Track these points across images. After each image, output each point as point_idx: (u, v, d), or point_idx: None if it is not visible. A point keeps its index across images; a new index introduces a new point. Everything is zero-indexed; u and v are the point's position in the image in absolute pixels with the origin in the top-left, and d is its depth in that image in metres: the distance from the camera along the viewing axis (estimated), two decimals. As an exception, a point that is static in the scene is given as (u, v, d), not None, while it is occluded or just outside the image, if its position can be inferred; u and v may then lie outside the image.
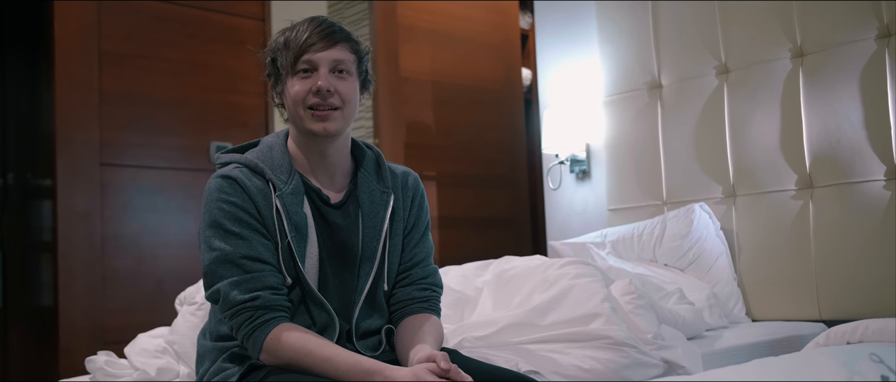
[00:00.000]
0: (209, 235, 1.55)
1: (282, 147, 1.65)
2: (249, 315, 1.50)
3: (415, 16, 4.21)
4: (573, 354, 1.77)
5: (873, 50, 2.52)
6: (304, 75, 1.59)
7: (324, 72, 1.58)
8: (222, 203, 1.55)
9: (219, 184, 1.57)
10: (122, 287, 3.25)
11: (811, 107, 2.66)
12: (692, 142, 2.97)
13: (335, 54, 1.59)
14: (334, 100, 1.58)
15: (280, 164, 1.61)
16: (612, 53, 3.26)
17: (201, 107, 3.52)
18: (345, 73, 1.60)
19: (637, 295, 2.02)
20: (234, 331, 1.53)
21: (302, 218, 1.58)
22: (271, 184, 1.58)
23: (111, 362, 2.09)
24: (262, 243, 1.54)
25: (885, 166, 2.49)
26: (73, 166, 3.18)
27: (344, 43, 1.60)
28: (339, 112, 1.59)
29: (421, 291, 1.70)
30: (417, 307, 1.68)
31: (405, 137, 4.07)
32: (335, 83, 1.59)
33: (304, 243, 1.58)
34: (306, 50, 1.58)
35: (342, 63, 1.60)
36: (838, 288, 2.58)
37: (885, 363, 1.44)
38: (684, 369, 1.86)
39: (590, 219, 3.46)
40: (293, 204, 1.58)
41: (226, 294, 1.51)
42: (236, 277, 1.51)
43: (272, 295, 1.52)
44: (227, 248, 1.52)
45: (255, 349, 1.51)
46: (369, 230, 1.65)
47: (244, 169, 1.60)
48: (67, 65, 3.20)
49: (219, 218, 1.54)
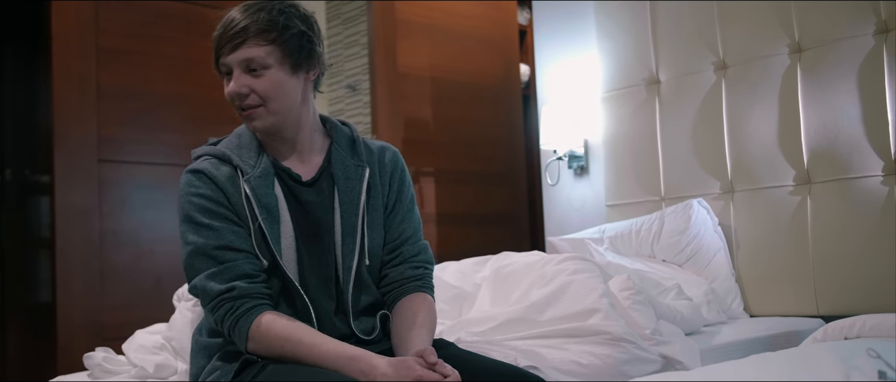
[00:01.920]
0: (184, 230, 1.57)
1: (250, 133, 1.65)
2: (230, 305, 1.51)
3: (413, 12, 4.21)
4: (571, 349, 1.77)
5: (871, 45, 2.52)
6: (228, 77, 1.59)
7: (236, 73, 1.56)
8: (191, 196, 1.57)
9: (187, 179, 1.59)
10: (120, 283, 3.25)
11: (809, 102, 2.66)
12: (690, 137, 2.97)
13: (243, 54, 1.54)
14: (251, 99, 1.56)
15: (248, 149, 1.62)
16: (610, 49, 3.26)
17: (199, 103, 3.51)
18: (260, 70, 1.55)
19: (635, 291, 2.03)
20: (219, 325, 1.53)
21: (272, 199, 1.58)
22: (239, 169, 1.58)
23: (109, 358, 2.09)
24: (233, 231, 1.54)
25: (882, 161, 2.49)
26: (71, 162, 3.18)
27: (253, 39, 1.54)
28: (262, 109, 1.57)
29: (414, 269, 1.69)
30: (412, 286, 1.67)
31: (403, 133, 4.07)
32: (249, 82, 1.56)
33: (276, 224, 1.57)
34: (219, 54, 1.57)
35: (253, 61, 1.54)
36: (836, 284, 2.58)
37: (882, 358, 1.44)
38: (682, 364, 1.86)
39: (588, 215, 3.46)
40: (262, 186, 1.57)
41: (203, 287, 1.52)
42: (212, 269, 1.52)
43: (248, 283, 1.52)
44: (200, 241, 1.54)
45: (241, 339, 1.51)
46: (346, 205, 1.64)
47: (212, 159, 1.61)
48: (65, 60, 3.19)
49: (190, 212, 1.56)
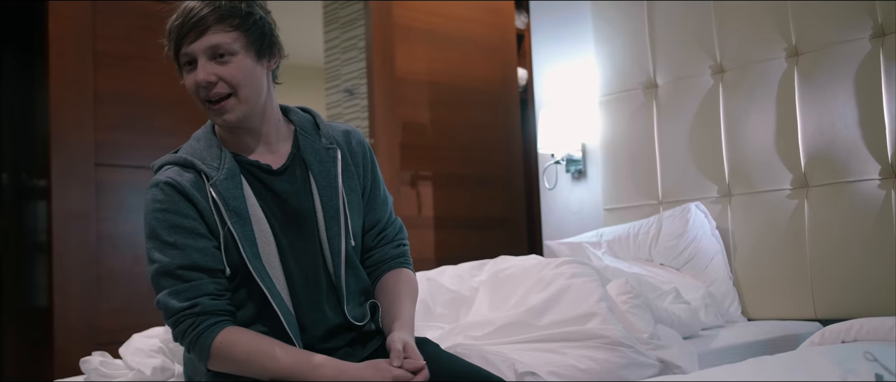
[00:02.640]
0: (149, 247, 1.52)
1: (209, 134, 1.61)
2: (191, 321, 1.47)
3: (411, 16, 4.21)
4: (569, 354, 1.77)
5: (868, 49, 2.53)
6: (189, 69, 1.54)
7: (202, 62, 1.51)
8: (156, 213, 1.51)
9: (151, 194, 1.53)
10: (116, 287, 3.24)
11: (806, 106, 2.66)
12: (688, 141, 2.98)
13: (209, 41, 1.50)
14: (220, 88, 1.52)
15: (209, 152, 1.57)
16: (608, 53, 3.26)
17: (196, 107, 3.48)
18: (227, 56, 1.51)
19: (633, 295, 2.03)
20: (179, 340, 1.50)
21: (241, 202, 1.53)
22: (203, 174, 1.53)
23: (106, 362, 2.08)
24: (198, 248, 1.49)
25: (879, 165, 2.49)
26: (68, 166, 3.17)
27: (218, 25, 1.50)
28: (232, 99, 1.53)
29: (395, 248, 1.74)
30: (394, 263, 1.72)
31: (401, 138, 4.07)
32: (216, 70, 1.51)
33: (248, 225, 1.53)
34: (181, 43, 1.52)
35: (220, 47, 1.50)
36: (833, 287, 2.58)
37: (879, 361, 1.44)
38: (680, 368, 1.86)
39: (586, 219, 3.46)
40: (228, 189, 1.52)
41: (165, 303, 1.49)
42: (175, 286, 1.48)
43: (212, 300, 1.48)
44: (165, 260, 1.49)
45: (202, 354, 1.48)
46: (325, 189, 1.61)
47: (174, 167, 1.56)
48: (62, 65, 3.19)
49: (156, 229, 1.51)
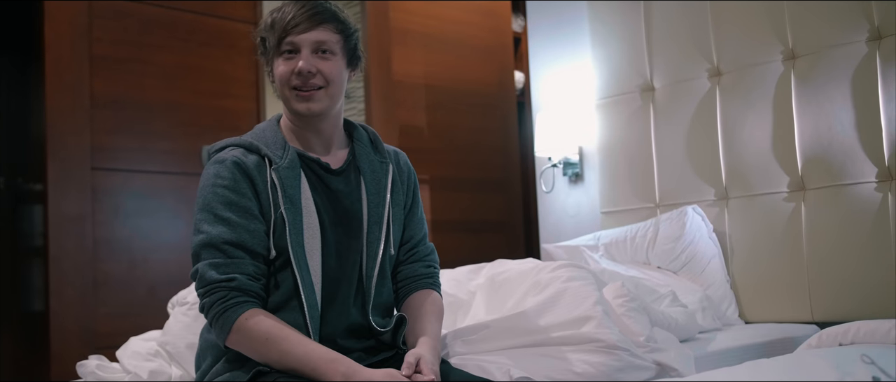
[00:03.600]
0: (200, 219, 1.58)
1: (274, 127, 1.69)
2: (224, 294, 1.52)
3: (407, 19, 4.21)
4: (566, 358, 1.77)
5: (864, 52, 2.53)
6: (289, 56, 1.63)
7: (306, 53, 1.61)
8: (217, 187, 1.58)
9: (215, 170, 1.60)
10: (113, 292, 3.24)
11: (803, 109, 2.66)
12: (685, 144, 2.98)
13: (317, 35, 1.62)
14: (316, 80, 1.62)
15: (274, 141, 1.65)
16: (605, 56, 3.26)
17: (193, 111, 3.51)
18: (328, 54, 1.63)
19: (630, 298, 2.02)
20: (205, 310, 1.54)
21: (296, 191, 1.61)
22: (267, 158, 1.61)
23: (102, 366, 2.07)
24: (249, 229, 1.56)
25: (876, 168, 2.50)
26: (65, 170, 3.16)
27: (327, 23, 1.63)
28: (322, 91, 1.63)
29: (426, 268, 1.79)
30: (423, 282, 1.77)
31: (398, 141, 4.07)
32: (317, 63, 1.62)
33: (299, 215, 1.60)
34: (289, 31, 1.61)
35: (325, 44, 1.62)
36: (831, 290, 2.58)
37: (876, 364, 1.44)
38: (677, 371, 1.86)
39: (583, 222, 3.46)
40: (288, 176, 1.61)
41: (202, 273, 1.54)
42: (217, 260, 1.54)
43: (248, 280, 1.54)
44: (214, 232, 1.55)
45: (223, 329, 1.52)
46: (373, 195, 1.70)
47: (239, 149, 1.64)
48: (58, 68, 3.18)
49: (211, 202, 1.57)
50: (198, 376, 1.68)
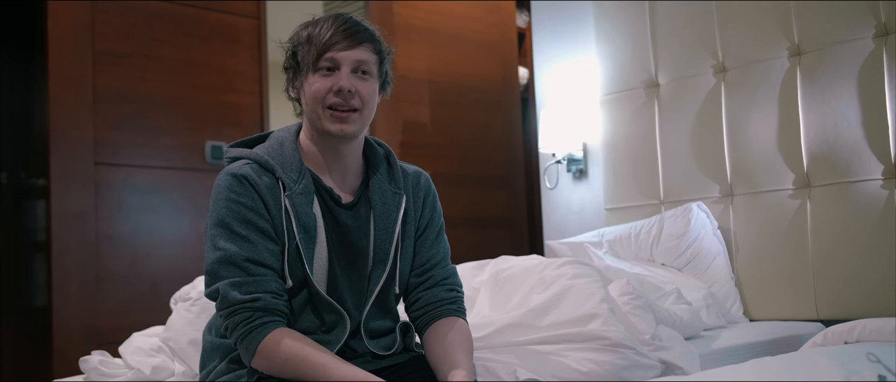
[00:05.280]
0: (215, 234, 1.53)
1: (292, 143, 1.62)
2: (248, 315, 1.48)
3: (411, 14, 4.20)
4: (571, 356, 1.76)
5: (871, 48, 2.52)
6: (326, 73, 1.57)
7: (345, 71, 1.56)
8: (231, 203, 1.53)
9: (228, 183, 1.55)
10: (116, 287, 3.24)
11: (809, 106, 2.65)
12: (689, 141, 2.97)
13: (358, 54, 1.57)
14: (355, 101, 1.57)
15: (290, 162, 1.59)
16: (610, 52, 3.25)
17: (196, 106, 3.50)
18: (366, 75, 1.59)
19: (635, 296, 2.01)
20: (228, 331, 1.51)
21: (311, 218, 1.56)
22: (281, 182, 1.56)
23: (105, 361, 2.07)
24: (268, 248, 1.52)
25: (882, 165, 2.48)
26: (67, 165, 3.16)
27: (368, 43, 1.59)
28: (357, 114, 1.58)
29: (448, 292, 1.69)
30: (446, 309, 1.67)
31: (401, 136, 4.06)
32: (356, 84, 1.57)
33: (312, 245, 1.56)
34: (330, 48, 1.56)
35: (365, 64, 1.58)
36: (836, 288, 2.57)
37: (882, 362, 1.43)
38: (682, 369, 1.85)
39: (587, 219, 3.45)
40: (303, 204, 1.55)
41: (224, 293, 1.49)
42: (238, 278, 1.50)
43: (273, 298, 1.50)
44: (232, 249, 1.50)
45: (249, 351, 1.49)
46: (381, 232, 1.63)
47: (254, 165, 1.58)
48: (61, 63, 3.18)
49: (226, 218, 1.52)
50: (202, 375, 1.66)
